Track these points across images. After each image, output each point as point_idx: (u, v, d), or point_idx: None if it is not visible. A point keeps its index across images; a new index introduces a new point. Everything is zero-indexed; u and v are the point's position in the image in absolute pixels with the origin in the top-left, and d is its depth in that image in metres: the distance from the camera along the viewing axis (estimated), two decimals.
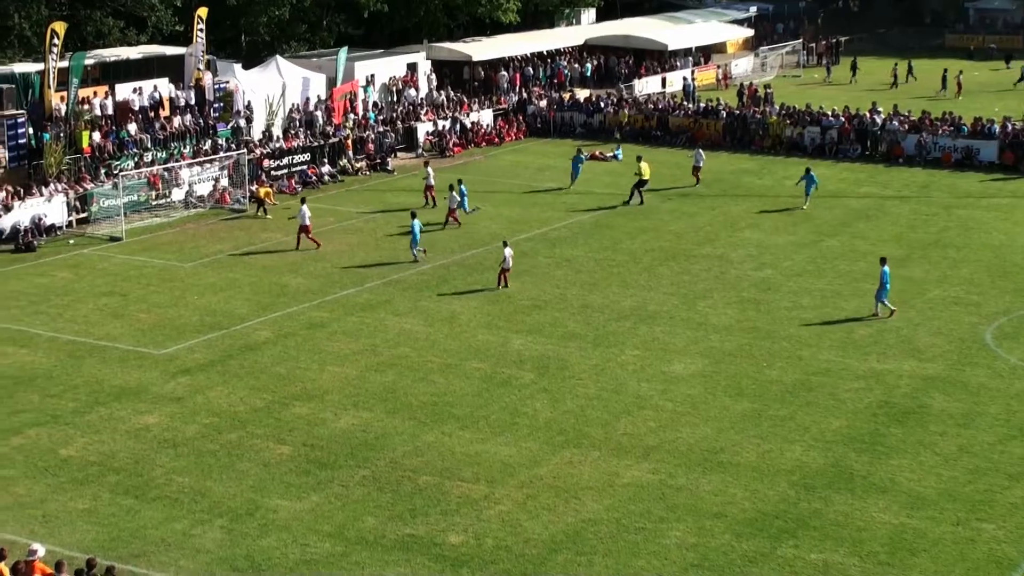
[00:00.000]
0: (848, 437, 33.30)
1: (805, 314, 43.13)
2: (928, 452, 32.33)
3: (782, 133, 72.69)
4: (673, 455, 32.21)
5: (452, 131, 73.99)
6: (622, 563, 27.02)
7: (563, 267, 48.62)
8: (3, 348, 39.92)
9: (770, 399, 35.75)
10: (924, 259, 49.53)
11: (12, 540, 26.74)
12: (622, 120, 76.76)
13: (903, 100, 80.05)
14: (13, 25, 64.63)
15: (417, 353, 39.51)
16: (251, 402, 35.63)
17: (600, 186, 62.77)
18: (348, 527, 28.54)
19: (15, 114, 58.43)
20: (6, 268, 49.05)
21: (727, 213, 57.68)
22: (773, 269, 48.44)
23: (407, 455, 32.19)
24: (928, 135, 69.49)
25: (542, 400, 35.81)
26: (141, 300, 44.88)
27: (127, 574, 25.13)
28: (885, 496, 30.03)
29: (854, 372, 37.82)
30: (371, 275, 47.65)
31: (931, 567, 26.86)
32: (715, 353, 39.47)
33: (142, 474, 31.16)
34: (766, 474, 31.16)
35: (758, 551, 27.51)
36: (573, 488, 30.40)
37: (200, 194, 59.61)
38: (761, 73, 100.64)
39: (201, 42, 66.64)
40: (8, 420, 34.33)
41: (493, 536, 28.11)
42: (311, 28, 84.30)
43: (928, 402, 35.50)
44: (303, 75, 71.26)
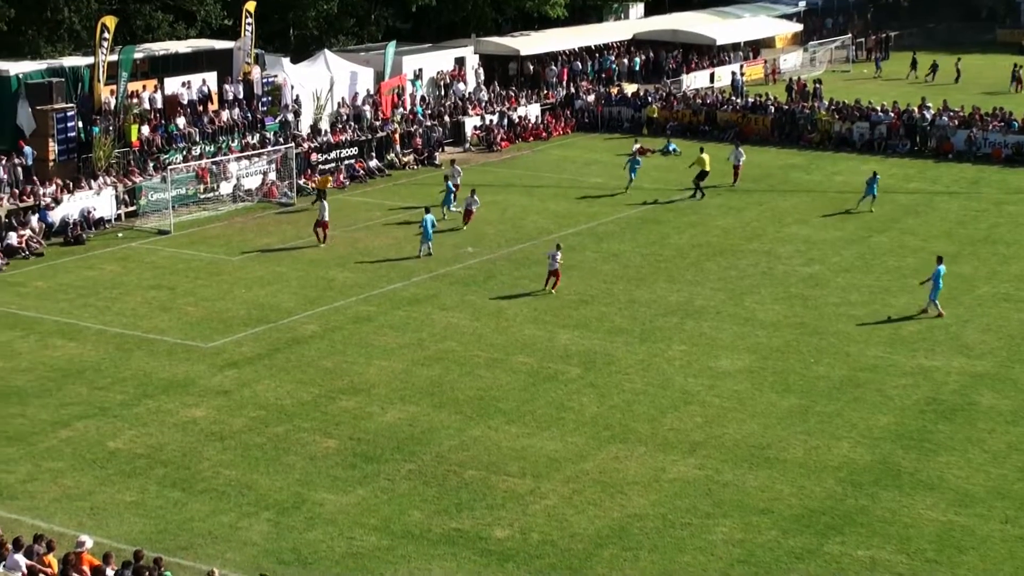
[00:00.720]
0: (896, 434, 33.18)
1: (854, 311, 42.97)
2: (976, 449, 32.18)
3: (831, 128, 72.40)
4: (719, 451, 32.17)
5: (499, 126, 73.99)
6: (668, 559, 27.01)
7: (610, 262, 48.58)
8: (52, 341, 40.20)
9: (817, 395, 35.65)
10: (974, 256, 49.25)
11: (61, 532, 26.97)
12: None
13: (953, 95, 79.52)
14: (63, 19, 64.96)
15: (463, 347, 39.58)
16: (298, 396, 35.77)
17: (648, 181, 62.63)
18: (394, 521, 28.62)
19: (65, 108, 58.72)
20: (55, 261, 49.38)
21: (775, 208, 57.50)
22: (821, 265, 48.26)
23: (453, 449, 32.26)
24: (978, 131, 69.08)
25: (588, 395, 35.81)
26: (189, 293, 45.11)
27: (174, 566, 25.24)
28: (933, 493, 29.91)
29: (902, 368, 37.67)
30: (418, 269, 47.72)
31: (979, 565, 26.75)
32: (762, 349, 39.38)
33: (189, 467, 31.34)
34: (813, 470, 31.08)
35: (805, 547, 27.46)
36: (619, 483, 30.40)
37: (248, 188, 59.80)
38: (810, 68, 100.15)
39: (250, 36, 66.90)
40: (56, 413, 34.58)
41: (539, 531, 28.14)
42: (359, 22, 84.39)
43: (977, 399, 35.32)
44: (351, 69, 71.38)
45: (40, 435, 33.14)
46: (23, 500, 29.54)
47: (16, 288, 45.77)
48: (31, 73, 59.75)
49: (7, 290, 45.49)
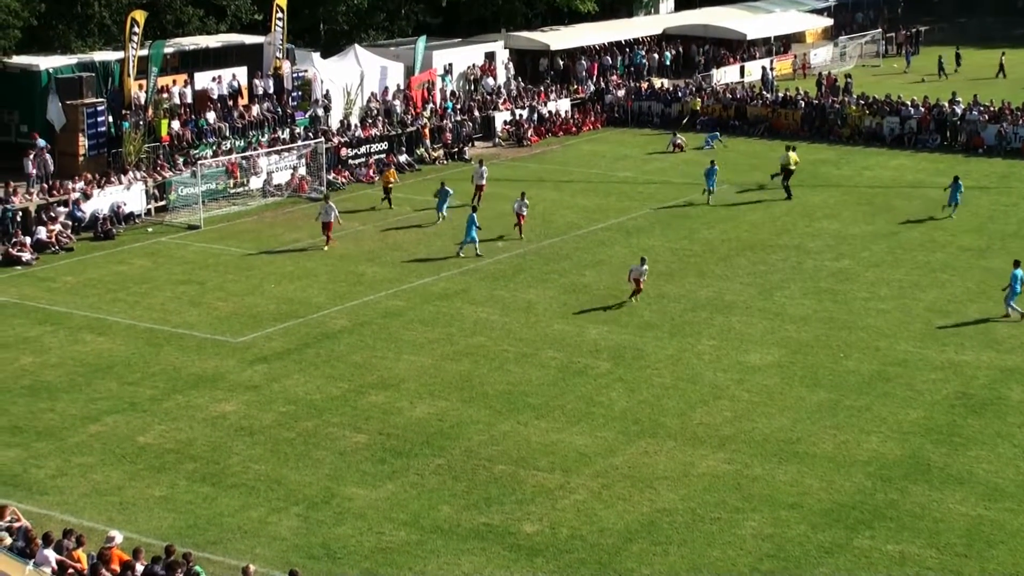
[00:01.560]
0: (925, 428, 33.08)
1: (883, 305, 42.85)
2: (1006, 443, 32.08)
3: (861, 123, 72.26)
4: (749, 445, 32.12)
5: (529, 120, 73.99)
6: (697, 553, 26.98)
7: (638, 257, 48.45)
8: (82, 335, 40.35)
9: (847, 390, 35.56)
10: (1004, 250, 48.98)
11: (90, 527, 27.05)
12: (694, 108, 76.68)
13: (989, 90, 79.22)
14: (94, 13, 65.17)
15: (493, 342, 39.59)
16: (327, 391, 35.82)
17: (677, 175, 62.58)
18: (423, 516, 28.64)
19: (95, 102, 59.03)
20: (85, 256, 49.55)
21: (805, 203, 57.34)
22: (851, 259, 48.13)
23: (482, 444, 32.27)
24: (1008, 125, 68.82)
25: (618, 390, 35.79)
26: (218, 288, 45.21)
27: (203, 561, 25.30)
28: (962, 488, 29.82)
29: (932, 363, 37.56)
30: (447, 264, 47.75)
31: (1009, 559, 26.67)
32: (792, 343, 39.31)
33: (219, 462, 31.41)
34: (842, 465, 31.01)
35: (834, 542, 27.39)
36: (648, 478, 30.37)
37: (278, 183, 59.92)
38: (840, 63, 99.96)
39: (280, 31, 67.04)
40: (86, 407, 34.70)
41: (568, 525, 28.13)
42: (389, 17, 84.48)
43: (1007, 393, 35.19)
44: (381, 64, 71.49)
45: (70, 430, 33.27)
46: (53, 495, 29.64)
47: (46, 283, 45.96)
48: (61, 68, 60.15)
49: (37, 285, 45.69)
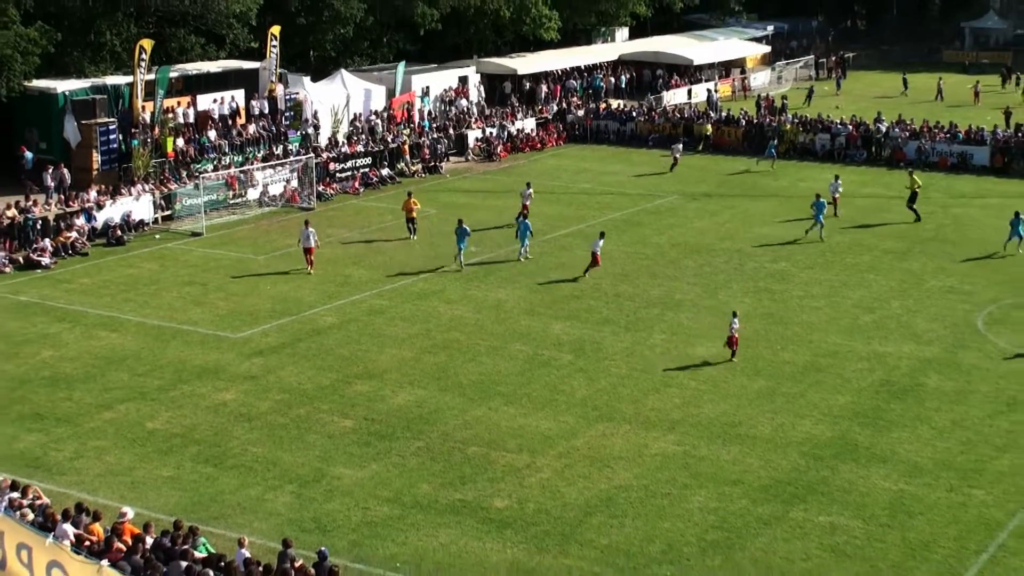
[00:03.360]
0: (853, 412, 33.27)
1: (815, 303, 43.04)
2: (925, 426, 32.28)
3: (795, 139, 72.50)
4: (696, 428, 32.24)
5: (499, 138, 74.02)
6: (650, 525, 27.08)
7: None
8: (96, 332, 40.24)
9: (783, 378, 35.73)
10: (923, 253, 49.30)
11: (104, 504, 27.01)
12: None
13: (908, 109, 79.61)
14: (105, 42, 64.98)
15: (466, 337, 39.62)
16: (318, 380, 35.80)
17: (631, 188, 62.71)
18: (404, 493, 28.67)
19: (107, 122, 58.96)
20: (99, 260, 49.39)
21: (746, 211, 57.54)
22: (786, 262, 48.30)
23: (457, 428, 32.30)
24: (927, 141, 69.26)
25: (578, 379, 35.86)
26: (219, 289, 45.12)
27: (207, 534, 25.27)
28: (886, 465, 30.02)
29: (858, 354, 37.76)
30: (425, 267, 47.72)
31: (927, 529, 26.86)
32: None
33: (220, 445, 31.39)
34: (779, 445, 31.16)
35: (772, 514, 27.54)
36: (606, 458, 30.46)
37: (273, 194, 59.74)
38: (777, 85, 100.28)
39: (274, 57, 67.03)
40: (101, 396, 34.64)
41: (534, 501, 28.19)
42: (372, 44, 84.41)
43: (925, 381, 35.41)
44: (365, 87, 71.46)
45: (86, 417, 33.21)
46: (71, 475, 29.61)
47: (64, 285, 45.79)
48: (76, 91, 60.06)
49: (56, 287, 45.52)
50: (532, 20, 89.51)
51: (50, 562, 14.12)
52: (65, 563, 14.16)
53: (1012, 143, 67.78)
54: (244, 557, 22.61)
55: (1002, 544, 26.23)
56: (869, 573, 25.10)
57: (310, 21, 77.81)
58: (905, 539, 26.42)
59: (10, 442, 31.51)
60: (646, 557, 25.75)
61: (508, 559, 25.74)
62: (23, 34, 59.19)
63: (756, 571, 25.20)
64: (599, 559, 25.70)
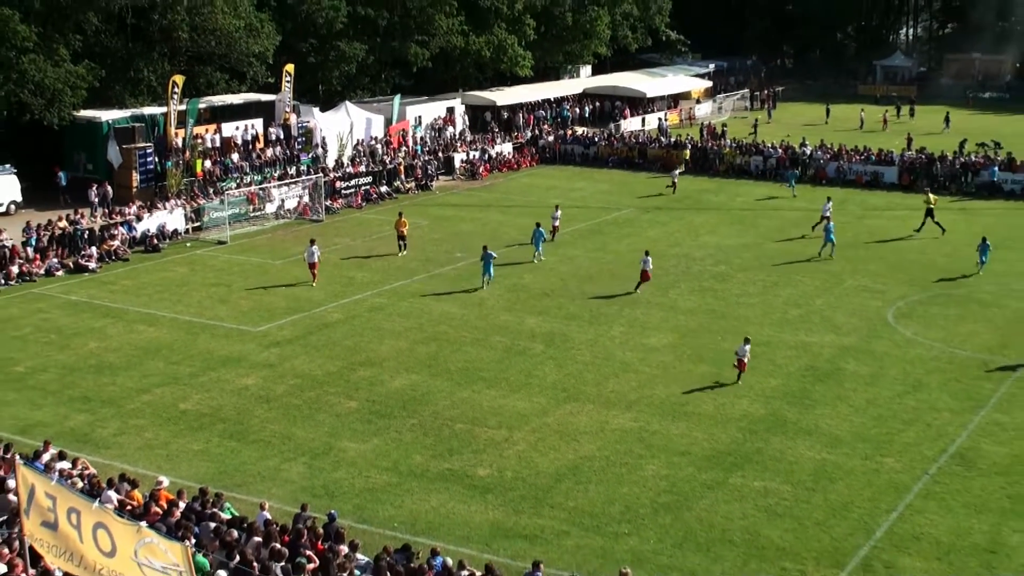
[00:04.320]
0: (782, 393, 33.36)
1: (751, 300, 43.14)
2: (844, 404, 32.40)
3: (734, 160, 72.63)
4: (649, 407, 32.28)
5: (481, 159, 73.99)
6: (611, 489, 27.12)
7: (566, 264, 48.65)
8: (136, 326, 40.10)
9: (724, 364, 35.75)
10: (841, 257, 49.43)
11: (143, 473, 26.96)
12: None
13: (829, 134, 79.87)
14: (143, 77, 64.91)
15: (453, 330, 39.59)
16: (326, 367, 35.75)
17: (593, 201, 62.74)
18: (401, 463, 28.65)
19: (145, 146, 59.01)
20: (138, 265, 49.22)
21: (691, 222, 57.62)
22: (726, 265, 48.39)
23: (446, 408, 32.29)
24: (845, 162, 69.52)
25: (549, 365, 35.87)
26: (241, 289, 45.00)
27: (231, 499, 25.25)
28: (810, 438, 30.11)
29: (787, 344, 37.86)
30: (418, 270, 47.70)
31: (846, 491, 26.98)
32: (682, 329, 39.50)
33: (243, 423, 31.33)
34: (720, 421, 31.23)
35: (714, 480, 27.60)
36: (573, 433, 30.49)
37: (287, 208, 59.67)
38: (718, 115, 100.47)
39: (288, 91, 67.01)
40: (140, 382, 34.53)
41: (512, 470, 28.21)
42: (372, 80, 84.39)
43: (844, 366, 35.52)
44: (367, 116, 71.33)
45: (127, 399, 33.10)
46: (114, 449, 29.52)
47: (108, 286, 45.62)
48: (118, 119, 60.09)
49: (101, 288, 45.34)
50: (509, 59, 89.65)
51: (96, 523, 14.03)
52: (109, 524, 14.07)
53: (916, 163, 68.07)
54: (264, 518, 22.59)
55: (909, 504, 26.36)
56: (797, 530, 25.19)
57: (319, 60, 77.86)
58: (827, 500, 26.53)
59: (62, 421, 31.41)
60: (607, 517, 25.79)
61: (490, 519, 25.74)
62: (72, 71, 59.30)
63: (701, 528, 25.26)
64: (567, 519, 25.72)
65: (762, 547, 24.43)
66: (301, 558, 19.95)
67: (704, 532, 25.09)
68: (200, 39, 66.34)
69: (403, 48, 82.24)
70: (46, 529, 14.37)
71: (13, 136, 60.04)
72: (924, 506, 26.24)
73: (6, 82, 57.20)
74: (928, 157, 68.39)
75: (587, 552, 24.20)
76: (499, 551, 24.17)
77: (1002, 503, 26.39)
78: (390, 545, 22.15)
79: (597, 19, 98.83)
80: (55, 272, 47.35)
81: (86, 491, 22.83)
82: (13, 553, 18.20)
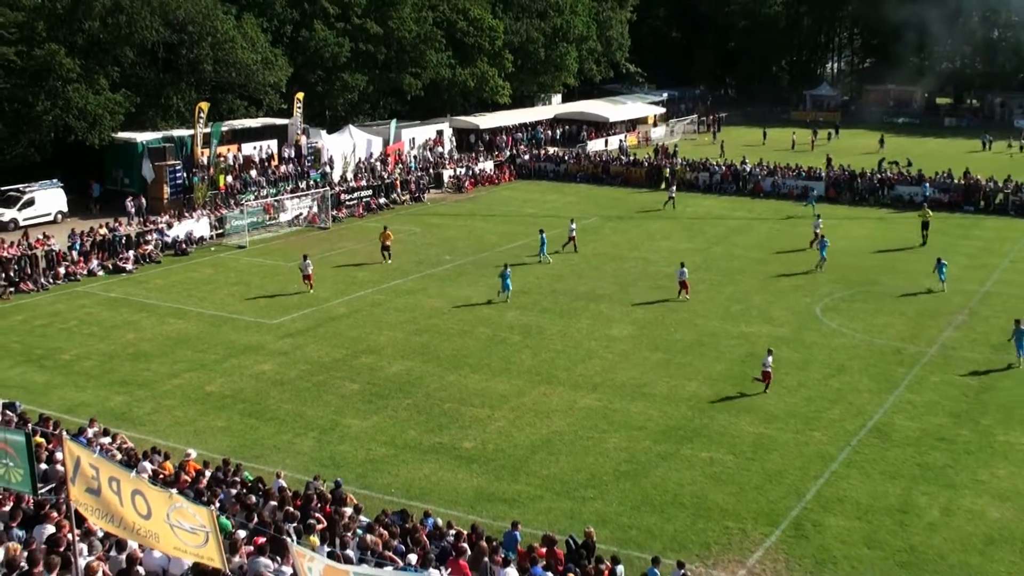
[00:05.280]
0: (726, 376, 33.47)
1: (700, 296, 43.25)
2: (778, 386, 32.51)
3: (684, 176, 72.74)
4: (612, 389, 32.35)
5: (466, 175, 73.92)
6: (578, 460, 27.17)
7: (540, 265, 48.66)
8: (168, 320, 39.96)
9: (676, 352, 35.91)
10: (777, 260, 49.64)
11: (173, 447, 26.89)
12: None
13: (766, 154, 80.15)
14: (172, 104, 64.71)
15: (443, 322, 39.58)
16: (333, 355, 35.69)
17: (564, 212, 62.81)
18: (397, 437, 28.65)
19: (174, 163, 58.78)
20: (169, 267, 49.03)
21: (648, 229, 57.71)
22: (678, 266, 48.39)
23: (436, 390, 32.29)
24: (780, 178, 69.73)
25: (526, 353, 35.90)
26: (259, 287, 44.87)
27: (250, 469, 25.18)
28: (750, 414, 30.23)
29: (731, 334, 37.98)
30: (412, 271, 47.66)
31: (780, 460, 27.10)
32: (640, 322, 39.59)
33: (260, 403, 31.26)
34: (673, 401, 31.32)
35: (668, 451, 27.68)
36: (546, 411, 30.53)
37: (299, 216, 59.50)
38: (670, 137, 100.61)
39: (299, 116, 66.81)
40: (170, 367, 34.42)
41: (493, 443, 28.24)
42: (372, 106, 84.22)
43: (778, 353, 35.62)
44: (367, 138, 71.25)
45: (160, 382, 32.99)
46: (148, 426, 29.42)
47: (142, 285, 45.43)
48: (151, 140, 59.91)
49: (136, 286, 45.15)
50: (490, 88, 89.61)
51: (133, 490, 14.00)
52: (145, 491, 14.05)
53: (840, 179, 68.32)
54: (279, 485, 22.54)
55: (834, 471, 26.50)
56: (738, 494, 25.29)
57: (326, 89, 77.67)
58: (764, 468, 26.65)
59: (103, 401, 31.27)
60: (575, 483, 25.84)
61: (474, 486, 25.76)
62: (111, 98, 59.12)
63: (656, 493, 25.34)
64: (541, 485, 25.76)
65: (708, 509, 24.53)
66: (311, 519, 19.93)
67: (659, 496, 25.17)
68: (222, 71, 66.10)
69: (399, 79, 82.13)
70: (90, 495, 14.32)
71: (60, 155, 59.85)
72: (847, 473, 26.39)
73: (53, 107, 56.97)
74: (851, 173, 68.71)
75: (558, 513, 24.25)
76: (482, 513, 24.20)
77: (913, 470, 26.57)
78: (388, 508, 22.15)
79: (566, 54, 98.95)
80: (96, 273, 47.11)
81: (124, 462, 22.74)
82: (61, 515, 18.17)
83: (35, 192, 55.88)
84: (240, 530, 18.97)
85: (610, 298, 42.97)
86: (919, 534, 23.33)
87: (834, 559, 22.31)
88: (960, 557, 22.42)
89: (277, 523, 19.47)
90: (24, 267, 45.69)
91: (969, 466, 26.75)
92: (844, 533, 23.37)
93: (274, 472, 24.01)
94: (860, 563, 22.16)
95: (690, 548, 22.62)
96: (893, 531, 23.51)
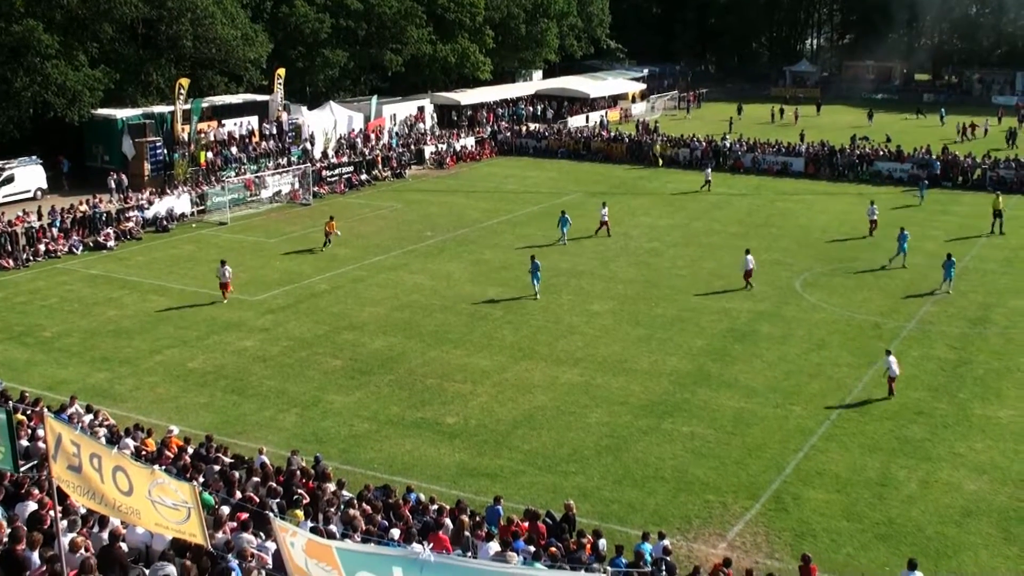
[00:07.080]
0: (707, 351, 33.52)
1: (680, 272, 43.29)
2: (758, 360, 32.60)
3: (665, 152, 72.68)
4: (593, 364, 32.36)
5: (448, 151, 73.67)
6: (560, 435, 27.19)
7: (521, 241, 48.59)
8: (150, 296, 39.72)
9: (656, 327, 35.93)
10: (756, 235, 49.70)
11: (155, 423, 26.72)
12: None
13: (747, 129, 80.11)
14: (153, 80, 64.22)
15: (425, 298, 39.49)
16: (315, 331, 35.57)
17: (545, 188, 62.65)
18: (380, 413, 28.59)
19: (155, 140, 58.34)
20: (150, 243, 48.71)
21: (629, 205, 57.66)
22: (659, 242, 48.52)
23: (419, 365, 32.23)
24: (759, 153, 69.74)
25: (508, 329, 35.86)
26: (240, 264, 44.58)
27: (232, 445, 25.11)
28: (730, 389, 30.29)
29: (711, 309, 38.03)
30: (394, 247, 47.51)
31: (760, 435, 27.17)
32: (620, 297, 39.59)
33: (242, 379, 31.14)
34: (654, 375, 31.36)
35: (649, 426, 27.72)
36: (528, 386, 30.52)
37: (280, 193, 59.21)
38: (651, 113, 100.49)
39: (280, 92, 66.33)
40: (153, 344, 34.23)
41: (476, 418, 28.22)
42: (353, 83, 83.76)
43: (759, 328, 35.74)
44: (348, 114, 70.84)
45: (142, 359, 32.81)
46: (130, 403, 29.26)
47: (124, 261, 45.13)
48: (131, 117, 59.39)
49: (118, 263, 44.85)
50: (471, 64, 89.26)
51: (115, 467, 13.90)
52: (127, 468, 13.95)
53: (819, 155, 68.41)
54: (262, 461, 22.48)
55: (813, 445, 26.61)
56: (719, 468, 25.37)
57: (306, 65, 77.11)
58: (744, 442, 26.74)
59: (85, 378, 31.09)
60: (557, 458, 25.86)
61: (456, 461, 25.75)
62: (91, 75, 58.62)
63: (637, 467, 25.39)
64: (523, 460, 25.77)
65: (689, 482, 24.60)
66: (295, 495, 19.88)
67: (640, 470, 25.22)
68: (202, 47, 65.55)
69: (379, 55, 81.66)
70: (71, 472, 14.21)
71: (39, 132, 59.35)
72: (826, 447, 26.50)
73: (32, 84, 56.43)
74: (829, 149, 68.82)
75: (540, 488, 24.27)
76: (465, 487, 24.19)
77: (891, 444, 26.71)
78: (371, 483, 22.12)
79: (547, 30, 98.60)
80: (76, 250, 46.78)
81: (106, 439, 22.62)
82: (43, 493, 18.07)
83: (15, 169, 55.42)
84: (223, 506, 18.90)
85: (591, 273, 42.94)
86: (897, 506, 23.46)
87: (813, 532, 22.42)
88: (937, 529, 22.57)
89: (261, 498, 19.42)
90: (4, 244, 45.35)
91: (946, 439, 26.91)
92: (823, 506, 23.48)
93: (257, 448, 23.92)
94: (839, 535, 22.28)
95: (671, 522, 22.68)
96: (872, 504, 23.64)
